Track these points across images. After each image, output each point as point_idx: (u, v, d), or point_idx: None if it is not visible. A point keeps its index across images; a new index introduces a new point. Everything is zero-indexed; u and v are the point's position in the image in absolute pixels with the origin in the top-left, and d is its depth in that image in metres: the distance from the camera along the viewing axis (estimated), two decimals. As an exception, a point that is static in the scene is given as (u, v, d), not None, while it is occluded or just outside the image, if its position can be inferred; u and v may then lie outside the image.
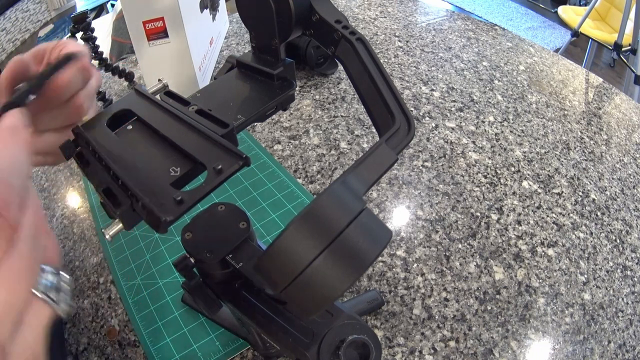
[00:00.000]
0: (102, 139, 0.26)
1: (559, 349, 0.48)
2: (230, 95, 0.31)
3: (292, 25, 0.29)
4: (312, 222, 0.20)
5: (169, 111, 0.27)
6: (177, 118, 0.26)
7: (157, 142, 0.26)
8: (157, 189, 0.22)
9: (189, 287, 0.37)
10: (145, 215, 0.22)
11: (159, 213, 0.21)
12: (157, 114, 0.27)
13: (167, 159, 0.25)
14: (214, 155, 0.24)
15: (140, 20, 0.66)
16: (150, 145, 0.26)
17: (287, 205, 0.61)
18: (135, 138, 0.27)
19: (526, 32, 2.76)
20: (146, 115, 0.27)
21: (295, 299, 0.20)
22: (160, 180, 0.23)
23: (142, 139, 0.26)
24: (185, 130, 0.26)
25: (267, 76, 0.31)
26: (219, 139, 0.25)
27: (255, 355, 0.47)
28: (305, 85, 0.82)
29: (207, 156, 0.24)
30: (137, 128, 0.27)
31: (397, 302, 0.52)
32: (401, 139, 0.25)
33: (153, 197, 0.22)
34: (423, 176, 0.66)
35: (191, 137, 0.25)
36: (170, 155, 0.25)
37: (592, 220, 0.61)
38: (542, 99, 0.81)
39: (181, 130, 0.26)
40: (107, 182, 0.24)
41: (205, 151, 0.24)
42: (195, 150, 0.24)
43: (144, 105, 0.28)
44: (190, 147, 0.24)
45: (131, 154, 0.25)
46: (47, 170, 0.71)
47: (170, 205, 0.21)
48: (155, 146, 0.26)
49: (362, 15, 1.04)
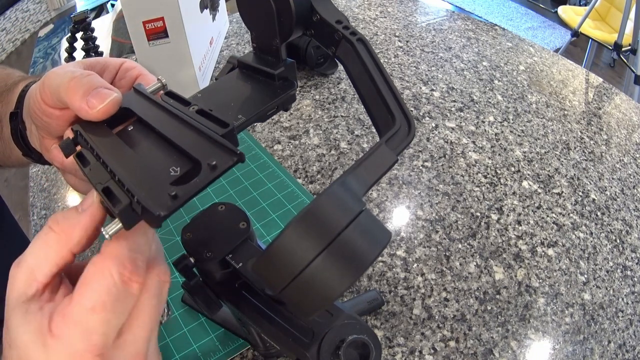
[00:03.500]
0: (101, 139, 0.26)
1: (559, 349, 0.48)
2: (231, 96, 0.31)
3: (292, 25, 0.29)
4: (311, 223, 0.20)
5: (169, 111, 0.27)
6: (177, 118, 0.26)
7: (157, 142, 0.26)
8: (154, 186, 0.23)
9: (189, 287, 0.37)
10: (140, 210, 0.22)
11: (152, 208, 0.21)
12: (157, 114, 0.27)
13: (168, 158, 0.25)
14: (210, 152, 0.24)
15: (140, 20, 0.66)
16: (150, 145, 0.26)
17: (287, 205, 0.61)
18: (136, 138, 0.27)
19: (526, 32, 2.76)
20: (146, 115, 0.27)
21: (295, 300, 0.20)
22: (160, 180, 0.23)
23: (142, 138, 0.26)
24: (185, 130, 0.26)
25: (268, 76, 0.31)
26: (217, 137, 0.25)
27: (255, 355, 0.47)
28: (305, 85, 0.82)
29: (202, 153, 0.24)
30: (137, 128, 0.27)
31: (397, 302, 0.52)
32: (401, 139, 0.25)
33: (148, 193, 0.22)
34: (423, 176, 0.66)
35: (190, 135, 0.25)
36: (171, 155, 0.25)
37: (592, 220, 0.61)
38: (542, 99, 0.81)
39: (181, 129, 0.26)
40: (107, 181, 0.24)
41: (201, 148, 0.24)
42: (192, 147, 0.24)
43: (144, 105, 0.28)
44: (187, 145, 0.25)
45: (131, 153, 0.25)
46: (47, 170, 0.71)
47: (165, 200, 0.22)
48: (156, 146, 0.26)
49: (362, 15, 1.04)
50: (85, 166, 0.25)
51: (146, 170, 0.24)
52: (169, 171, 0.24)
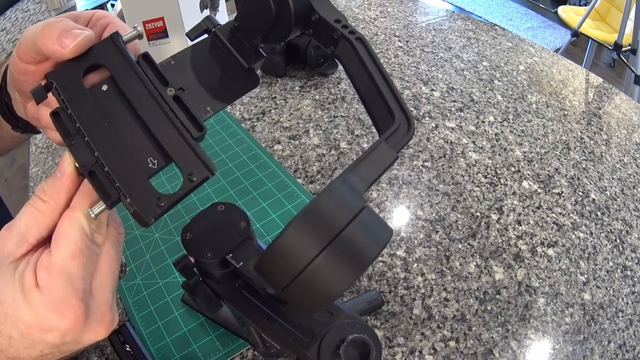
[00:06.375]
0: (78, 100, 0.26)
1: (559, 349, 0.48)
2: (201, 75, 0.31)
3: (291, 24, 0.29)
4: (312, 221, 0.20)
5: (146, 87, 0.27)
6: (154, 99, 0.27)
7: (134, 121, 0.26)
8: (139, 184, 0.25)
9: (189, 287, 0.36)
10: (131, 211, 0.24)
11: (144, 215, 0.24)
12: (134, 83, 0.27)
13: (145, 146, 0.26)
14: (189, 161, 0.26)
15: (140, 20, 0.66)
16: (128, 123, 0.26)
17: (287, 205, 0.61)
18: (112, 107, 0.27)
19: (526, 32, 2.76)
20: (122, 79, 0.27)
21: (296, 298, 0.20)
22: (141, 173, 0.25)
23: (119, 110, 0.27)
24: (163, 120, 0.26)
25: (239, 65, 0.31)
26: (194, 145, 0.26)
27: (255, 355, 0.47)
28: (305, 85, 0.82)
29: (183, 162, 0.26)
30: (112, 92, 0.27)
31: (397, 302, 0.52)
32: (401, 137, 0.25)
33: (138, 197, 0.24)
34: (423, 176, 0.66)
35: (169, 131, 0.26)
36: (148, 143, 0.26)
37: (592, 220, 0.61)
38: (542, 99, 0.81)
39: (159, 118, 0.26)
40: (92, 165, 0.25)
41: (181, 155, 0.26)
42: (173, 151, 0.26)
43: (121, 65, 0.27)
44: (168, 145, 0.26)
45: (110, 130, 0.26)
46: (48, 170, 0.71)
47: (153, 207, 0.24)
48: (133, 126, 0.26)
49: (362, 15, 1.04)
50: (66, 137, 0.26)
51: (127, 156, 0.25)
52: (147, 161, 0.25)
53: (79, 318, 0.24)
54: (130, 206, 0.24)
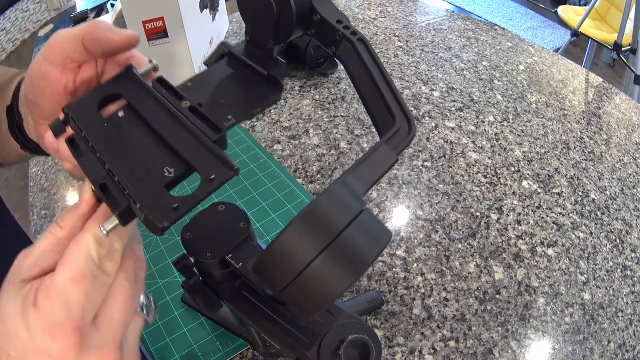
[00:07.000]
0: (93, 125, 0.26)
1: (559, 349, 0.48)
2: (221, 90, 0.30)
3: (293, 25, 0.29)
4: (312, 222, 0.20)
5: (161, 103, 0.27)
6: (169, 113, 0.26)
7: (149, 136, 0.26)
8: (152, 190, 0.23)
9: (189, 287, 0.37)
10: (143, 218, 0.23)
11: (157, 221, 0.22)
12: (149, 104, 0.27)
13: (161, 157, 0.25)
14: (208, 164, 0.24)
15: (140, 20, 0.66)
16: (143, 138, 0.26)
17: (287, 205, 0.61)
18: (127, 127, 0.26)
19: (526, 32, 2.76)
20: (137, 103, 0.27)
21: (295, 300, 0.20)
22: (155, 181, 0.24)
23: (135, 129, 0.26)
24: (179, 129, 0.26)
25: (258, 75, 0.31)
26: (212, 146, 0.25)
27: (255, 355, 0.47)
28: (305, 85, 0.82)
29: (201, 164, 0.24)
30: (129, 116, 0.27)
31: (397, 302, 0.52)
32: (402, 139, 0.25)
33: (150, 201, 0.23)
34: (423, 176, 0.66)
35: (185, 138, 0.25)
36: (164, 153, 0.25)
37: (592, 220, 0.61)
38: (542, 99, 0.81)
39: (174, 128, 0.26)
40: (103, 178, 0.24)
41: (199, 158, 0.25)
42: (190, 155, 0.25)
43: (135, 91, 0.27)
44: (184, 151, 0.25)
45: (124, 146, 0.25)
46: (47, 170, 0.71)
47: (168, 211, 0.23)
48: (148, 140, 0.26)
49: (362, 15, 1.04)
50: (79, 156, 0.25)
51: (141, 168, 0.24)
52: (164, 171, 0.24)
53: (71, 347, 0.23)
54: (140, 212, 0.23)
